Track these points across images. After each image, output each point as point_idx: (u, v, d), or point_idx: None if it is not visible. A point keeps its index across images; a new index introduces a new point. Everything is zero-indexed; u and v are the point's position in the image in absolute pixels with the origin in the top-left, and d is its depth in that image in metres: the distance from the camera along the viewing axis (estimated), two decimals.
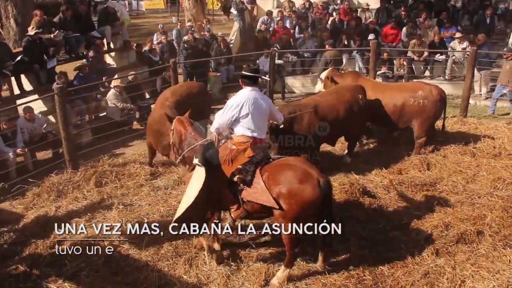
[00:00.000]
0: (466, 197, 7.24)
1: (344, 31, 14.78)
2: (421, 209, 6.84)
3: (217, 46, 13.93)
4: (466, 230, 6.18)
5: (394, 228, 6.42)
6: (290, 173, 5.06)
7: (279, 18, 15.86)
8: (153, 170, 8.28)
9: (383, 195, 7.30)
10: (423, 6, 16.40)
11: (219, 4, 28.01)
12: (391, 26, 14.60)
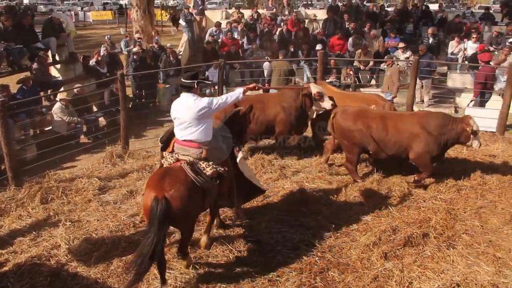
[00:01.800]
0: (412, 201, 7.47)
1: (292, 42, 15.01)
2: (369, 214, 6.99)
3: (166, 57, 13.85)
4: (412, 233, 6.36)
5: (343, 234, 6.52)
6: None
7: (228, 29, 15.95)
8: (101, 184, 8.10)
9: (332, 202, 7.41)
10: (365, 16, 16.94)
11: (168, 15, 27.95)
12: (338, 37, 14.98)
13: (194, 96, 5.46)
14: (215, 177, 5.45)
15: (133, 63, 13.17)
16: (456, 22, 17.29)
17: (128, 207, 7.29)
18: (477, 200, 7.53)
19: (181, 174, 5.22)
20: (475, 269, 5.72)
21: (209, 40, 15.21)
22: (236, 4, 25.45)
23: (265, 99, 9.32)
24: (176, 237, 6.25)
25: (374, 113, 8.15)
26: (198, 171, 5.32)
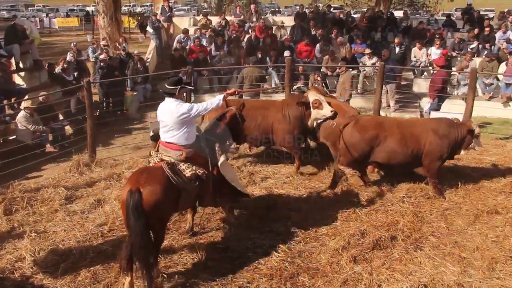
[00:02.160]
0: (380, 205, 7.57)
1: (260, 48, 15.10)
2: (338, 219, 7.06)
3: (133, 64, 13.75)
4: (381, 237, 6.46)
5: (313, 239, 6.57)
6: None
7: (196, 36, 15.95)
8: (68, 194, 7.96)
9: (301, 207, 7.45)
10: (333, 23, 17.20)
11: (135, 22, 27.77)
12: (305, 43, 15.12)
13: (177, 101, 5.66)
14: (193, 179, 5.61)
15: (100, 70, 13.02)
16: (420, 28, 17.70)
17: (96, 216, 7.18)
18: (443, 203, 7.70)
19: (159, 172, 5.43)
20: (442, 269, 5.84)
21: (177, 47, 15.16)
22: (204, 11, 25.43)
23: (268, 106, 9.07)
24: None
25: (390, 123, 8.13)
26: (177, 171, 5.52)
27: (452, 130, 7.83)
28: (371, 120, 8.25)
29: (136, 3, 35.09)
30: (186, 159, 5.70)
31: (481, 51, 15.84)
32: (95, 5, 18.43)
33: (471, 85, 10.81)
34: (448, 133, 7.79)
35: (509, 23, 17.68)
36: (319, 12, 20.16)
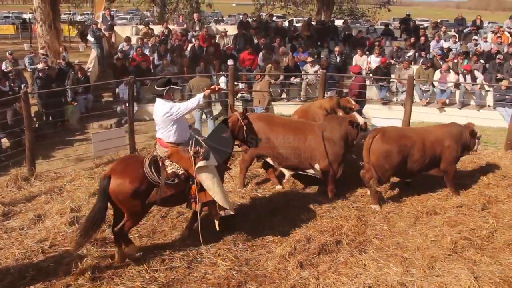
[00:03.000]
0: (325, 211, 7.69)
1: (204, 57, 15.07)
2: (284, 226, 7.11)
3: (73, 74, 13.38)
4: (326, 241, 6.58)
5: (259, 247, 6.60)
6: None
7: (139, 45, 15.73)
8: (5, 210, 7.61)
9: (247, 215, 7.46)
10: (275, 32, 17.42)
11: (75, 30, 27.09)
12: (248, 52, 15.22)
13: (163, 101, 6.01)
14: (173, 177, 5.99)
15: (38, 80, 12.58)
16: (359, 37, 18.21)
17: (36, 232, 6.90)
18: (386, 205, 7.93)
19: (137, 165, 5.94)
20: (386, 271, 6.01)
21: (119, 56, 14.89)
22: (147, 20, 25.13)
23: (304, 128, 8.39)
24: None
25: (413, 133, 8.25)
26: (159, 167, 5.96)
27: (461, 134, 8.29)
28: (395, 131, 8.29)
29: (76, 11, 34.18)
30: (170, 156, 6.09)
31: (417, 59, 16.48)
32: (32, 12, 17.78)
33: (408, 92, 11.23)
34: (460, 137, 8.25)
35: (442, 32, 18.48)
36: (262, 21, 20.39)
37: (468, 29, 19.65)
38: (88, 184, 8.62)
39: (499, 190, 8.52)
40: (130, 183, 5.76)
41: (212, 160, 6.24)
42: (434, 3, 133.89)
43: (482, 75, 14.90)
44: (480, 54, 15.96)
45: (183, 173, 6.06)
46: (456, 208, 7.76)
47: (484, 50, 16.53)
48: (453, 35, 18.42)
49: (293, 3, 26.73)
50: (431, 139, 8.12)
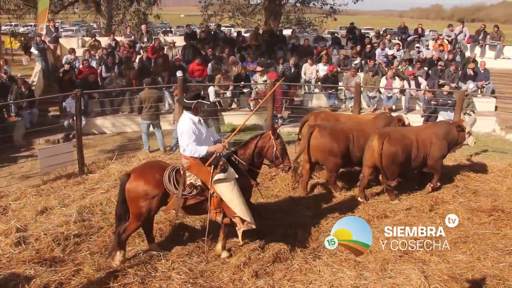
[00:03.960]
0: (279, 219, 7.74)
1: (152, 69, 14.92)
2: (237, 235, 7.06)
3: (17, 88, 12.92)
4: (280, 249, 6.63)
5: (213, 258, 6.57)
6: None
7: (86, 57, 15.40)
8: None
9: (200, 226, 7.40)
10: (224, 42, 17.47)
11: (18, 43, 26.29)
12: (198, 62, 15.14)
13: (186, 116, 6.16)
14: (191, 188, 6.13)
15: None
16: (307, 46, 18.49)
17: None
18: (337, 212, 8.04)
19: (159, 171, 6.20)
20: (340, 275, 6.11)
21: (66, 68, 14.51)
22: (93, 32, 24.66)
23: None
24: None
25: (409, 133, 8.78)
26: (179, 177, 6.13)
27: (449, 131, 8.83)
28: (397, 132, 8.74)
29: (18, 23, 33.13)
30: (190, 168, 6.18)
31: (364, 66, 16.88)
32: None
33: (356, 99, 11.49)
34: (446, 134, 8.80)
35: (386, 41, 19.03)
36: (210, 31, 20.40)
37: (411, 37, 20.30)
38: (35, 202, 8.32)
39: (445, 191, 8.87)
40: (144, 185, 6.09)
41: (231, 174, 6.18)
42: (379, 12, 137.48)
43: (425, 81, 15.45)
44: (423, 61, 16.52)
45: (200, 185, 6.17)
46: (405, 211, 8.01)
47: (426, 57, 17.12)
48: (397, 43, 19.02)
49: (241, 14, 26.85)
50: (423, 138, 8.66)
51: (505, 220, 7.72)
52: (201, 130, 6.25)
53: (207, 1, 26.62)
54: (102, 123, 13.55)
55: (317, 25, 26.93)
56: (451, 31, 19.92)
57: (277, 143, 6.55)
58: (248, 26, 27.26)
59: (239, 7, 26.75)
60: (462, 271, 6.40)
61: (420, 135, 8.73)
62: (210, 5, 26.84)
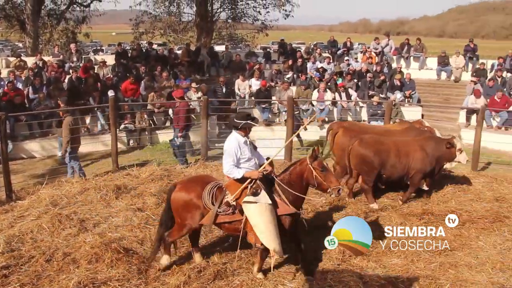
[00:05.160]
0: (216, 235, 7.66)
1: (83, 89, 14.55)
2: (176, 255, 7.00)
3: None
4: (221, 266, 6.60)
5: (152, 280, 6.41)
6: None
7: (11, 78, 14.79)
8: None
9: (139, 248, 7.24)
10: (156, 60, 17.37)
11: None
12: (130, 81, 14.88)
13: (234, 135, 6.19)
14: (225, 206, 6.13)
15: None
16: (239, 61, 18.68)
17: None
18: None
19: (201, 186, 6.31)
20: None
21: None
22: (18, 51, 23.76)
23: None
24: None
25: (389, 140, 9.11)
26: (219, 194, 6.22)
27: (438, 147, 9.00)
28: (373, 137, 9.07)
29: None
30: (228, 187, 6.22)
31: (296, 80, 17.24)
32: None
33: (289, 112, 11.70)
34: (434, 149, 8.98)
35: (317, 54, 19.57)
36: (141, 49, 20.20)
37: (340, 51, 20.98)
38: None
39: (379, 199, 9.20)
40: (185, 196, 6.30)
41: (262, 198, 6.01)
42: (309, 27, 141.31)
43: (356, 92, 15.99)
44: (353, 73, 17.09)
45: (233, 204, 6.16)
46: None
47: (355, 69, 17.73)
48: (327, 56, 19.58)
49: (173, 31, 26.77)
50: (407, 148, 9.04)
51: (435, 222, 8.07)
52: (245, 151, 6.18)
53: (138, 18, 26.36)
54: (31, 147, 12.98)
55: (249, 41, 27.24)
56: (378, 44, 20.78)
57: (316, 166, 6.20)
58: (180, 43, 27.16)
59: (171, 24, 26.66)
60: (398, 274, 6.64)
61: (404, 144, 9.03)
62: (141, 23, 26.58)
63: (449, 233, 7.60)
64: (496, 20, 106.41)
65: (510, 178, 10.53)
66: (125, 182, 9.81)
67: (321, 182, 6.17)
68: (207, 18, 24.00)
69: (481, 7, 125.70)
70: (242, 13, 26.58)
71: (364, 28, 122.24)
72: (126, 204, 8.76)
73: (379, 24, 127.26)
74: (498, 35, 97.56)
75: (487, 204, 9.03)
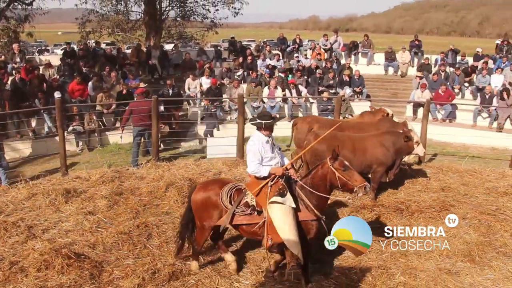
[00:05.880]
0: (170, 236, 7.62)
1: (27, 91, 14.07)
2: (129, 258, 6.94)
3: None
4: (176, 267, 6.60)
5: (106, 284, 6.33)
6: None
7: None
8: None
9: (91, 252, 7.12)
10: (104, 59, 17.01)
11: None
12: (77, 82, 14.47)
13: (257, 135, 6.17)
14: (246, 206, 6.04)
15: None
16: (189, 60, 18.54)
17: None
18: None
19: (220, 186, 6.27)
20: (236, 285, 6.26)
21: None
22: None
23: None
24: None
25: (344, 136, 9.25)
26: (237, 194, 6.15)
27: (397, 141, 9.16)
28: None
29: None
30: (249, 186, 6.16)
31: (246, 77, 17.28)
32: None
33: (240, 110, 11.73)
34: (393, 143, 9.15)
35: (267, 51, 19.67)
36: (89, 48, 19.74)
37: (290, 48, 21.16)
38: None
39: None
40: (203, 194, 6.26)
41: (288, 200, 5.84)
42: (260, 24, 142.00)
43: (306, 88, 16.19)
44: (302, 70, 17.28)
45: (254, 205, 6.04)
46: None
47: (305, 66, 17.93)
48: (276, 53, 19.71)
49: (121, 30, 26.22)
50: (364, 144, 9.24)
51: (386, 214, 8.34)
52: (267, 150, 6.13)
53: (84, 17, 25.67)
54: None
55: (199, 39, 27.03)
56: (326, 40, 21.09)
57: (337, 167, 6.00)
58: (128, 42, 26.64)
59: (119, 23, 26.09)
60: (351, 266, 6.82)
61: (361, 140, 9.20)
62: (88, 22, 25.89)
63: (399, 223, 7.84)
64: (438, 17, 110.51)
65: (455, 169, 10.98)
66: (74, 185, 9.61)
67: (346, 182, 5.93)
68: (156, 16, 23.60)
69: (424, 4, 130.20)
70: (191, 11, 26.26)
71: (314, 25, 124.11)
72: (76, 208, 8.60)
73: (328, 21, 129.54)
74: (441, 31, 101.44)
75: (434, 194, 9.39)
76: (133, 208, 8.64)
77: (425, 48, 22.71)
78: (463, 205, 8.95)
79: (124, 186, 9.67)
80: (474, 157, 12.56)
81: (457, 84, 17.17)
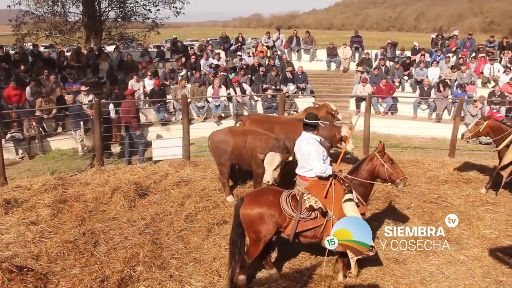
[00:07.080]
0: (118, 242, 7.52)
1: None
2: (76, 266, 6.76)
3: None
4: (124, 273, 6.48)
5: None
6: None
7: None
8: None
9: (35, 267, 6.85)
10: (42, 63, 16.47)
11: None
12: (13, 87, 13.89)
13: (310, 136, 6.22)
14: (308, 211, 5.99)
15: None
16: (130, 61, 18.20)
17: None
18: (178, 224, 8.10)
19: (274, 194, 6.15)
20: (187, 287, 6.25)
21: None
22: None
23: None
24: None
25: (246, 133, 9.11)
26: (295, 201, 6.06)
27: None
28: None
29: None
30: (310, 189, 6.11)
31: (190, 77, 17.17)
32: None
33: (184, 110, 11.66)
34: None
35: (209, 51, 19.61)
36: (26, 52, 19.04)
37: (233, 46, 21.17)
38: None
39: None
40: (258, 208, 5.98)
41: (354, 196, 6.10)
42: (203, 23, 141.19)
43: (250, 86, 16.26)
44: (246, 68, 17.33)
45: (320, 207, 6.00)
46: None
47: (248, 64, 17.99)
48: (217, 53, 19.69)
49: (59, 32, 25.43)
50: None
51: None
52: (324, 150, 6.23)
53: (18, 19, 24.69)
54: None
55: (141, 40, 26.62)
56: (269, 38, 21.26)
57: (386, 160, 6.44)
58: (68, 45, 25.87)
59: (56, 25, 25.29)
60: (301, 261, 7.00)
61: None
62: (23, 24, 24.94)
63: None
64: (377, 13, 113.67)
65: (398, 160, 11.21)
66: (15, 195, 9.23)
67: (391, 174, 6.41)
68: (96, 17, 23.12)
69: (364, 1, 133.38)
70: (131, 11, 25.91)
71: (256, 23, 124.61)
72: (17, 218, 8.26)
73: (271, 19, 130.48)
74: (380, 26, 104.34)
75: (379, 186, 9.60)
76: (78, 216, 8.43)
77: (366, 43, 23.31)
78: (407, 195, 9.31)
79: (68, 193, 9.40)
80: (416, 148, 13.03)
81: (397, 78, 17.72)
